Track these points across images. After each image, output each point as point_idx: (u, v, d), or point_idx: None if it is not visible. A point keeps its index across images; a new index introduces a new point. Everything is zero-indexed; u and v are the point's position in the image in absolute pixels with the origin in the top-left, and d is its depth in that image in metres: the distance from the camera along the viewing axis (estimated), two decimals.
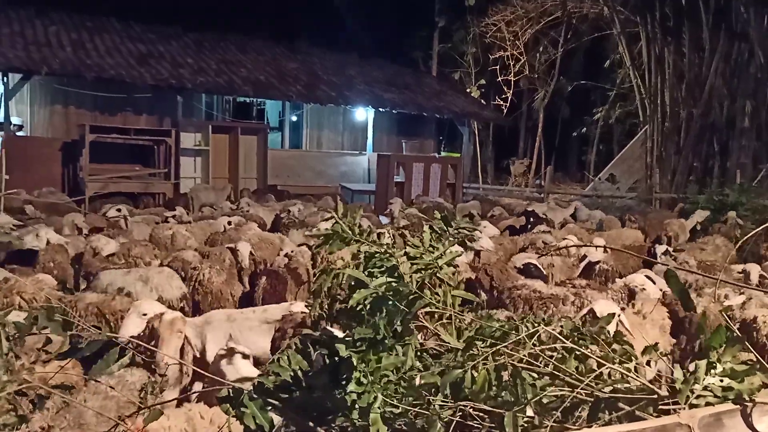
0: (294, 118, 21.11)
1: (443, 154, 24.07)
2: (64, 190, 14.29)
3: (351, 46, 26.41)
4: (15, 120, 15.37)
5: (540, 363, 1.90)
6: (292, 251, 7.62)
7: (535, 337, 1.93)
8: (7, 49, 15.41)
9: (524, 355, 1.82)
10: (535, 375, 1.87)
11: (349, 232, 2.37)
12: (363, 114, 20.96)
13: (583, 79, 27.96)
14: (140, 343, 3.12)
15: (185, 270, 6.32)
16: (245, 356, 3.06)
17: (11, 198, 10.08)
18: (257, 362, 3.71)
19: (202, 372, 2.77)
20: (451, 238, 2.51)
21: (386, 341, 1.85)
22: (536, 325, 2.05)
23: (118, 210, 9.68)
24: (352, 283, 2.25)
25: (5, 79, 15.03)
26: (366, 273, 2.22)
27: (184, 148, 16.23)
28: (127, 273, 5.70)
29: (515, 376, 1.74)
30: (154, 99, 16.83)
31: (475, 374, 1.75)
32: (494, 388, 1.73)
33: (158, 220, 9.87)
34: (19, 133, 15.30)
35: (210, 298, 5.96)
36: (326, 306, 2.61)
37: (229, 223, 9.15)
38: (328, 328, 2.48)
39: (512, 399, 1.69)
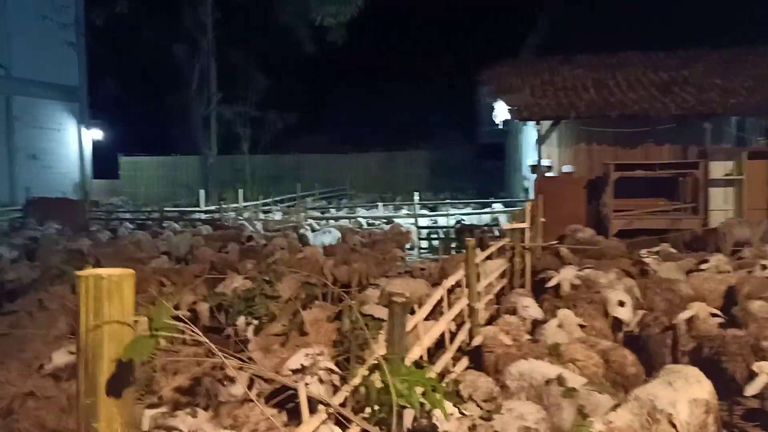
0: None
1: None
2: (588, 226, 14.64)
3: None
4: (544, 162, 16.83)
5: None
6: None
7: None
8: (540, 99, 17.12)
9: None
10: None
11: None
12: None
13: None
14: None
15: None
16: None
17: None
18: None
19: None
20: None
21: None
22: None
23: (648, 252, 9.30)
24: None
25: (538, 125, 16.68)
26: None
27: (712, 179, 14.58)
28: None
29: None
30: (677, 128, 15.91)
31: None
32: None
33: (690, 266, 8.88)
34: (547, 174, 16.62)
35: None
36: None
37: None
38: None
39: None
